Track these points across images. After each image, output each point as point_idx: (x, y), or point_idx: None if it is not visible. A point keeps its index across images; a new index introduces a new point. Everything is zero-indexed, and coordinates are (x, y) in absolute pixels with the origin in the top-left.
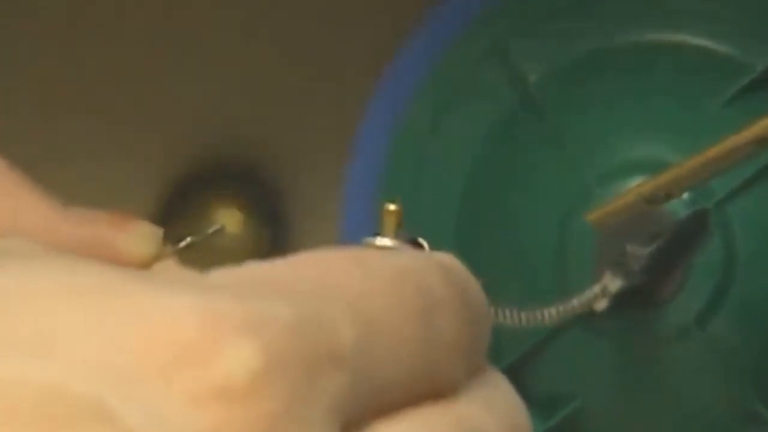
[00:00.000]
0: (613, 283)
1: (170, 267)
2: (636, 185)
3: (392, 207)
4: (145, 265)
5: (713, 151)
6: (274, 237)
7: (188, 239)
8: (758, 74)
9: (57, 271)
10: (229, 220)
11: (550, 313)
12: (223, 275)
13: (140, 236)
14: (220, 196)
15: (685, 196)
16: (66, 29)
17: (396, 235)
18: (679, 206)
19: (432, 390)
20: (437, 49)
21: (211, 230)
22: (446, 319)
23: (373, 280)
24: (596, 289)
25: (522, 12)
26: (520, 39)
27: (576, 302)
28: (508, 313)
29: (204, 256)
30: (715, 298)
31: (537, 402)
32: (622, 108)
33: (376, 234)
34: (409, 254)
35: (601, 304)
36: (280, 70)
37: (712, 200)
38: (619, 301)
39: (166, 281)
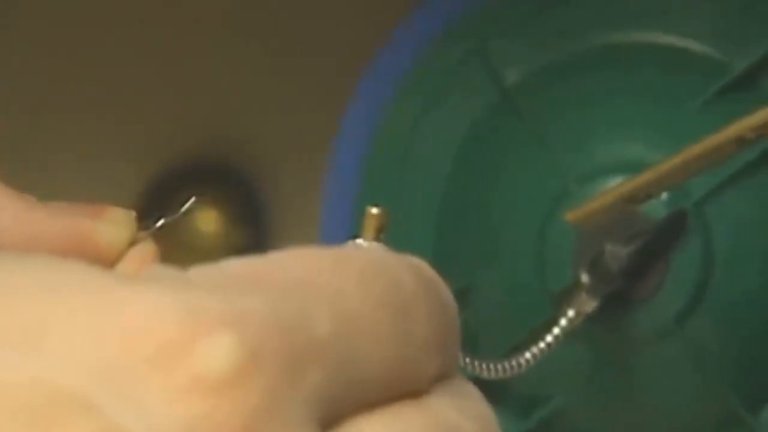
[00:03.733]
0: (589, 303)
1: (151, 265)
2: (615, 185)
3: (374, 210)
4: (122, 249)
5: (692, 151)
6: (252, 236)
7: (162, 220)
8: (737, 74)
9: (41, 268)
10: (207, 219)
11: (526, 359)
12: (203, 272)
13: (114, 221)
14: (198, 196)
15: (664, 196)
16: (52, 30)
17: (377, 240)
18: (659, 206)
19: (408, 386)
20: (418, 49)
21: (183, 208)
22: (419, 315)
23: (349, 277)
24: (571, 314)
25: (502, 14)
26: (499, 40)
27: (551, 339)
28: (485, 365)
29: (182, 254)
30: (694, 298)
31: (515, 402)
32: (602, 108)
33: (355, 237)
34: (382, 252)
35: (577, 322)
36: (260, 71)
37: (691, 200)
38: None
39: (147, 279)
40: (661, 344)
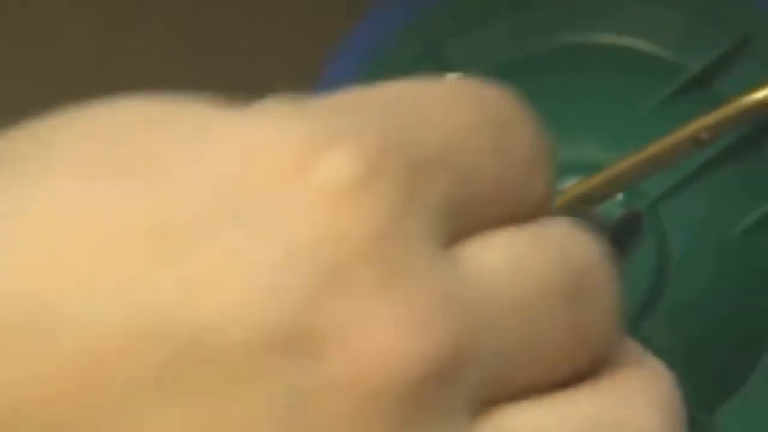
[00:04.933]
0: None
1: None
2: (570, 185)
3: None
4: None
5: (648, 152)
6: None
7: None
8: (691, 76)
9: (152, 103)
10: None
11: None
12: (314, 102)
13: None
14: None
15: (620, 197)
16: (46, 31)
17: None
18: (614, 207)
19: (517, 208)
20: (372, 50)
21: None
22: (520, 133)
23: (449, 98)
24: None
25: (457, 14)
26: (454, 40)
27: None
28: None
29: None
30: (648, 300)
31: None
32: (556, 109)
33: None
34: (476, 80)
35: None
36: (209, 74)
37: (646, 201)
38: None
39: (262, 107)
40: None
